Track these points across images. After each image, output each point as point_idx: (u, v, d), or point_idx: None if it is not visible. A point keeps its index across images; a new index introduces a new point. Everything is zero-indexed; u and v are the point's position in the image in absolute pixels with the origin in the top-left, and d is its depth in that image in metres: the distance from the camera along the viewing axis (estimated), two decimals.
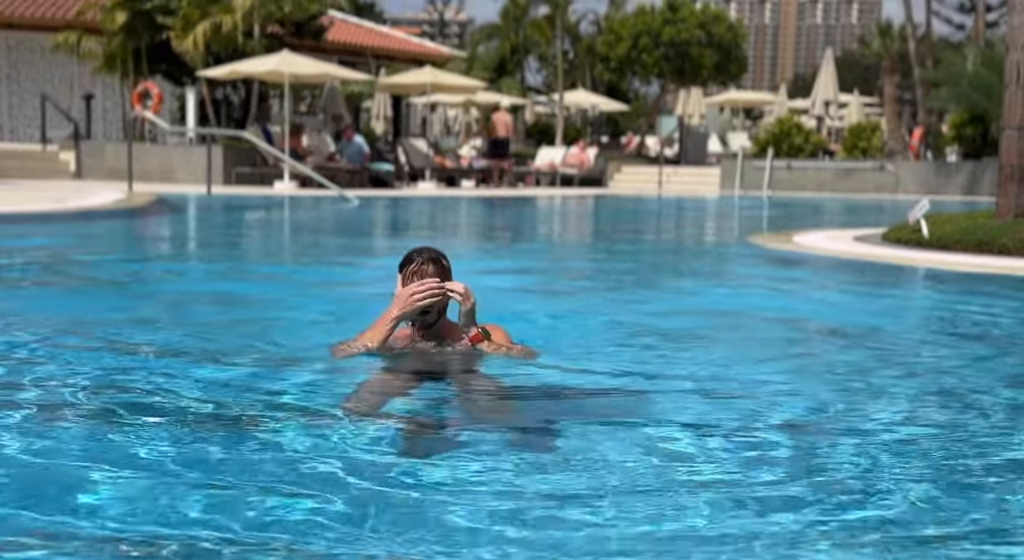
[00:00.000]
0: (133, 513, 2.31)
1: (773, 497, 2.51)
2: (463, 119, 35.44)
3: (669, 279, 8.12)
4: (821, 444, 3.01)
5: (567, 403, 3.48)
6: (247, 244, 10.70)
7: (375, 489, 2.50)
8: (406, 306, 3.58)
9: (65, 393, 3.37)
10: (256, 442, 2.89)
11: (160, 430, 2.96)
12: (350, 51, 27.33)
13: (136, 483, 2.51)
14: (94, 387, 3.48)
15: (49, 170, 20.71)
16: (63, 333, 4.49)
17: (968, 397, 3.69)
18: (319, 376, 3.67)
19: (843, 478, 2.69)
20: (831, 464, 2.83)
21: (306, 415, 3.17)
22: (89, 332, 4.59)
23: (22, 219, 11.20)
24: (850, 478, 2.70)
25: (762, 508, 2.43)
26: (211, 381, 3.62)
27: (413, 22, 77.54)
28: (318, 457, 2.73)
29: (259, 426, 3.04)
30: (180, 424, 3.03)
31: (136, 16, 21.28)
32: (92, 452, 2.76)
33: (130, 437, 2.90)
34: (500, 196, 20.31)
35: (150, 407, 3.24)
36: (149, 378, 3.60)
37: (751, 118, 42.92)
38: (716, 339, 4.92)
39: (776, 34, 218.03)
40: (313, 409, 3.24)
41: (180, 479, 2.54)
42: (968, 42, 31.93)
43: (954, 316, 5.96)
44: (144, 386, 3.50)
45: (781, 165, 24.70)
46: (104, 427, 3.00)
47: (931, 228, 9.78)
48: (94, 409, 3.20)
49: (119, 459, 2.68)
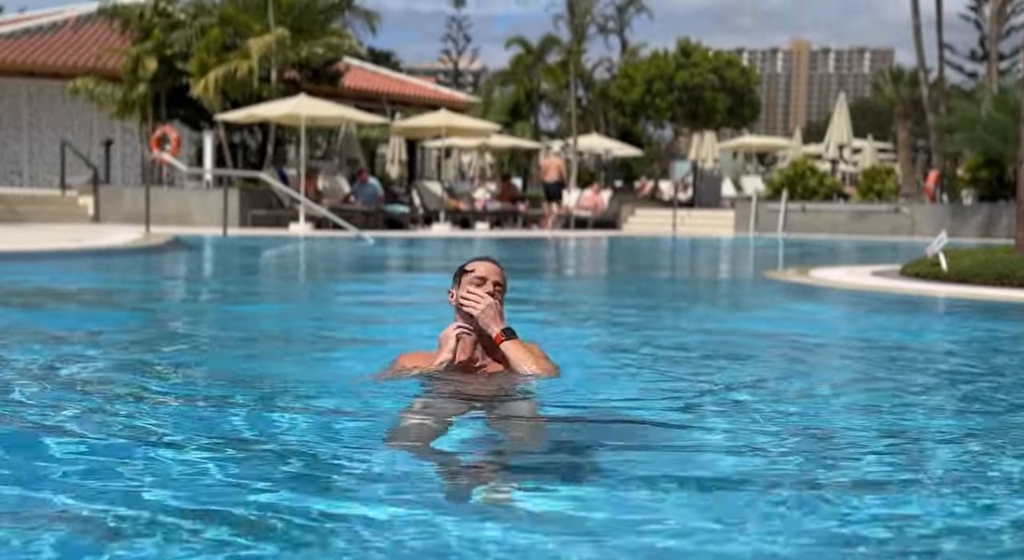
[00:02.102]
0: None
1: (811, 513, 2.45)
2: (477, 163, 35.67)
3: (693, 308, 8.06)
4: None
5: (609, 430, 3.35)
6: (273, 277, 10.72)
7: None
8: (450, 338, 3.51)
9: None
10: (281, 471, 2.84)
11: (176, 453, 2.92)
12: (366, 97, 27.63)
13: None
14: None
15: (68, 214, 20.89)
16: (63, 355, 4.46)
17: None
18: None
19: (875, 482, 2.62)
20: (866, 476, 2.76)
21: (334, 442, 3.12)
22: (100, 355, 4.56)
23: (39, 257, 11.26)
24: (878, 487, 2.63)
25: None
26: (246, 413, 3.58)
27: (429, 71, 78.50)
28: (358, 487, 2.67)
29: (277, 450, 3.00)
30: (197, 451, 2.99)
31: (158, 62, 21.61)
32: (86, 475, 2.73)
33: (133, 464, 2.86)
34: (515, 237, 20.35)
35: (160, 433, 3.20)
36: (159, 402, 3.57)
37: (764, 163, 43.04)
38: (748, 361, 4.85)
39: (788, 83, 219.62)
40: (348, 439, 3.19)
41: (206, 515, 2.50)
42: (980, 88, 32.06)
43: (973, 341, 5.88)
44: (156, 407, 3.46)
45: (796, 207, 24.68)
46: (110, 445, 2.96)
47: (950, 262, 9.71)
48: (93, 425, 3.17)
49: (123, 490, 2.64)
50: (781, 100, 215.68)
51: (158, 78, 21.68)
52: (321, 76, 22.89)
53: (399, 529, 2.18)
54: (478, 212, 23.41)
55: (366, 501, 2.37)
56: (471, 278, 3.58)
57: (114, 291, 8.50)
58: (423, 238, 18.91)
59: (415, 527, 2.20)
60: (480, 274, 3.58)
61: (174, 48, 21.41)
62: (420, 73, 68.42)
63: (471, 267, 3.63)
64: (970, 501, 2.44)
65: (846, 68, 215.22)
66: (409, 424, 3.16)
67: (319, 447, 2.90)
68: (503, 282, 3.62)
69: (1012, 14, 36.95)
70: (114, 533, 2.12)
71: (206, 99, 20.89)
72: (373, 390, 3.59)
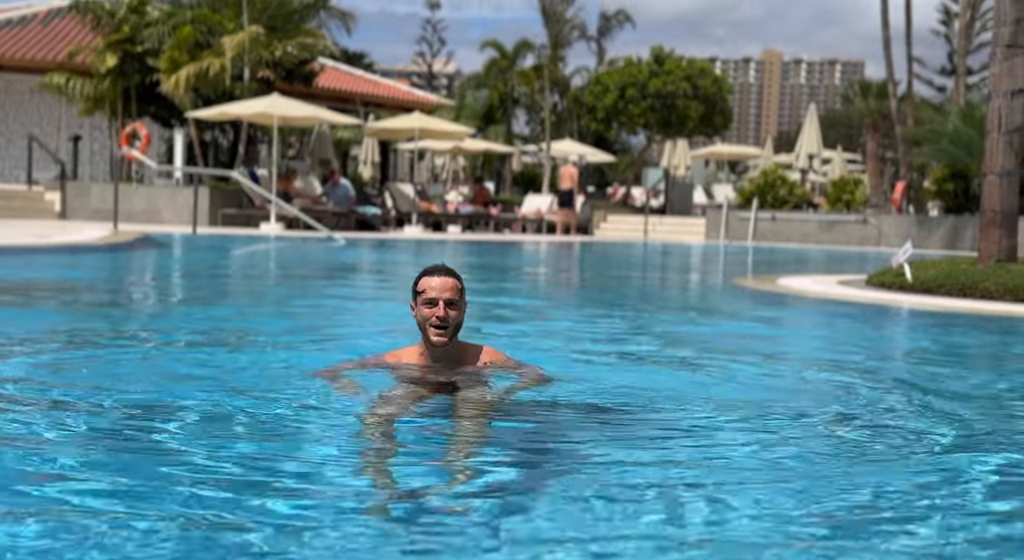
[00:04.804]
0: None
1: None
2: (450, 166, 35.65)
3: (661, 314, 8.11)
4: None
5: (576, 423, 3.40)
6: (240, 277, 10.65)
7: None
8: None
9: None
10: (236, 465, 2.84)
11: (139, 456, 2.91)
12: (339, 97, 27.54)
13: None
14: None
15: (34, 210, 20.64)
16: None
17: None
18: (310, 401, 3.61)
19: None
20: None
21: (295, 437, 3.12)
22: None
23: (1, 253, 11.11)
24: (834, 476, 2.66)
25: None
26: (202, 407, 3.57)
27: (402, 74, 78.35)
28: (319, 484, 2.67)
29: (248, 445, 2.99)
30: (167, 453, 2.98)
31: (127, 58, 21.42)
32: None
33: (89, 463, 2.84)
34: (487, 241, 20.35)
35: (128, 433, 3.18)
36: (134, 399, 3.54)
37: (735, 172, 43.36)
38: (710, 365, 4.89)
39: (760, 93, 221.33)
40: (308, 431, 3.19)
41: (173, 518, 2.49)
42: (948, 102, 32.48)
43: (932, 350, 5.96)
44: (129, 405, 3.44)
45: (766, 216, 24.88)
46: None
47: (914, 273, 9.83)
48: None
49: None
50: (753, 109, 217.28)
51: (126, 74, 21.49)
52: (295, 75, 22.78)
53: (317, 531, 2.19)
54: (450, 215, 23.40)
55: (307, 504, 2.38)
56: (423, 300, 3.61)
57: (79, 288, 8.42)
58: (395, 240, 18.87)
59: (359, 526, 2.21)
60: (430, 296, 3.60)
61: (145, 45, 21.23)
62: (394, 75, 68.26)
63: (421, 286, 3.64)
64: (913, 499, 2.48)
65: (817, 79, 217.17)
66: (370, 420, 3.19)
67: (268, 445, 2.90)
68: (456, 295, 3.63)
69: (981, 30, 37.48)
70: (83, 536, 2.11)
71: (177, 96, 20.74)
72: (322, 387, 3.62)
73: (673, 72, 28.14)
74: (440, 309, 3.57)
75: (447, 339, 3.62)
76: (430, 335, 3.61)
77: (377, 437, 2.97)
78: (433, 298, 3.58)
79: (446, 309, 3.58)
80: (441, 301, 3.58)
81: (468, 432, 3.15)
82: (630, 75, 28.44)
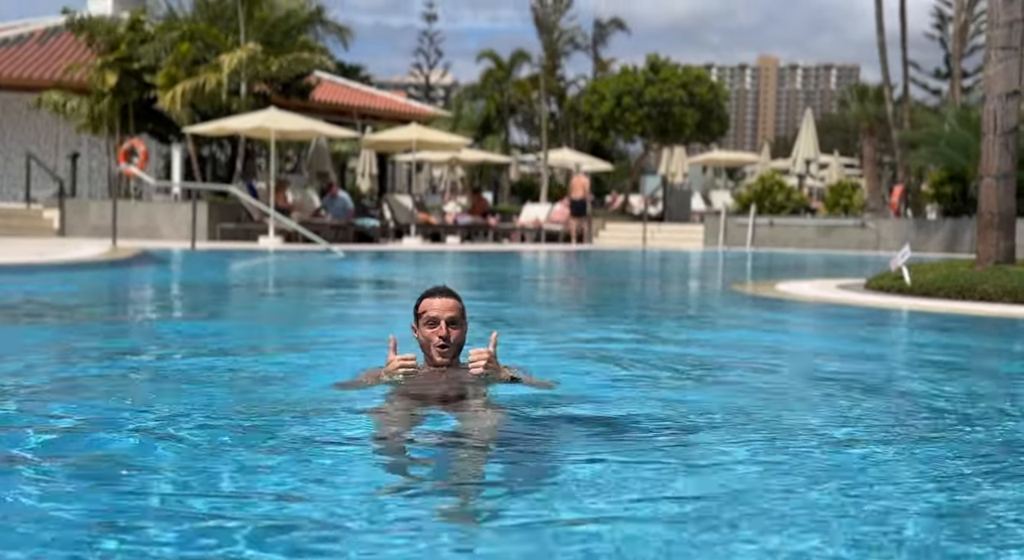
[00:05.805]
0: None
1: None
2: (448, 177, 35.71)
3: (661, 320, 8.11)
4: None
5: (577, 431, 3.41)
6: (241, 291, 10.65)
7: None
8: (389, 373, 3.58)
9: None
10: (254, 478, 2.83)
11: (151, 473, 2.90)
12: (336, 110, 27.59)
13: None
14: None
15: (32, 228, 20.65)
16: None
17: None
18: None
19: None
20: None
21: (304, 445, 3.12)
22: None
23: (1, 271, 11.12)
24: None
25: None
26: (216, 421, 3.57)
27: (399, 86, 78.53)
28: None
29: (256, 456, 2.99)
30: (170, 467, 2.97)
31: (124, 75, 21.46)
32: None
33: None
34: (486, 251, 20.37)
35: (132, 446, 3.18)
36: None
37: (733, 178, 43.41)
38: (711, 370, 4.90)
39: (757, 99, 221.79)
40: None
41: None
42: (944, 105, 32.55)
43: (932, 353, 5.96)
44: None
45: (764, 222, 24.91)
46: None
47: (913, 276, 9.84)
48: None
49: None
50: (749, 115, 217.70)
51: (125, 91, 21.53)
52: (291, 89, 22.83)
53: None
54: (449, 226, 23.43)
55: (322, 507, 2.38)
56: (425, 319, 3.68)
57: (79, 304, 8.42)
58: (393, 252, 18.88)
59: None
60: (431, 315, 3.66)
61: (142, 61, 21.28)
62: (391, 87, 68.43)
63: (423, 307, 3.70)
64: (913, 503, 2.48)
65: (813, 84, 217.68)
66: (380, 431, 3.21)
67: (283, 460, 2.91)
68: (457, 314, 3.69)
69: (976, 33, 37.60)
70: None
71: (174, 112, 20.78)
72: (337, 397, 3.63)
73: (669, 79, 28.23)
74: (442, 328, 3.64)
75: (449, 359, 3.68)
76: (433, 355, 3.67)
77: (388, 450, 3.01)
78: (435, 317, 3.65)
79: (448, 328, 3.65)
80: (443, 320, 3.65)
81: (471, 445, 3.15)
82: (626, 83, 28.53)
